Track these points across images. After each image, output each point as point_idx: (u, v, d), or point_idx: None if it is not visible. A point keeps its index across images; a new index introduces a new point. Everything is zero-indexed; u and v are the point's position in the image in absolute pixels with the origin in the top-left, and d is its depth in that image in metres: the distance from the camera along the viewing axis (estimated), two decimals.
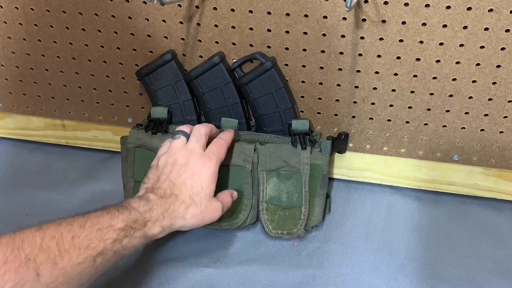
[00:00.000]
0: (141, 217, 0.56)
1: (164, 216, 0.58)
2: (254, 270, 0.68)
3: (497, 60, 0.64)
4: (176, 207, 0.60)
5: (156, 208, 0.58)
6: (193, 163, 0.62)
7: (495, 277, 0.67)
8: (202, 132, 0.66)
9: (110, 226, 0.53)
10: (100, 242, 0.52)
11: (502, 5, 0.60)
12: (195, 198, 0.61)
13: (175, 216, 0.59)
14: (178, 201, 0.60)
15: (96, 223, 0.52)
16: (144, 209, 0.57)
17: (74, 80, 0.82)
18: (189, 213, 0.60)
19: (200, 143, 0.65)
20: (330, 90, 0.73)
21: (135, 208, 0.57)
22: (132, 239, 0.55)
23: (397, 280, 0.66)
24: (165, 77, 0.74)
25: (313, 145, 0.72)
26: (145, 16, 0.72)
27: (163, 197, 0.60)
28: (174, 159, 0.63)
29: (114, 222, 0.54)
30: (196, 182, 0.61)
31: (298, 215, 0.71)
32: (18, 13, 0.76)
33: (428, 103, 0.71)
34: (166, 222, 0.59)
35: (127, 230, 0.54)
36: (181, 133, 0.66)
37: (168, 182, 0.61)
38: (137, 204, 0.57)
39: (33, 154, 0.90)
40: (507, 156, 0.73)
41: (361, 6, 0.63)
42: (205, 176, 0.62)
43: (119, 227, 0.54)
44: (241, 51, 0.72)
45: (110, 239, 0.53)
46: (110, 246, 0.53)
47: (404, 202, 0.79)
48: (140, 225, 0.56)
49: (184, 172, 0.62)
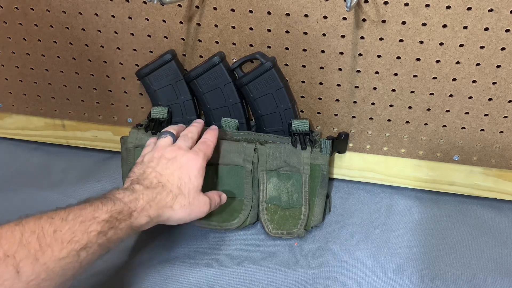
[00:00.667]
0: (126, 207, 0.54)
1: (151, 205, 0.57)
2: (254, 270, 0.68)
3: (497, 60, 0.64)
4: (164, 196, 0.58)
5: (142, 197, 0.56)
6: (180, 156, 0.62)
7: (495, 277, 0.67)
8: (189, 135, 0.66)
9: (93, 218, 0.51)
10: (83, 235, 0.50)
11: (502, 5, 0.60)
12: (183, 189, 0.60)
13: (162, 206, 0.58)
14: (165, 190, 0.59)
15: (79, 216, 0.50)
16: (129, 199, 0.55)
17: (74, 80, 0.82)
18: (177, 203, 0.59)
19: (188, 144, 0.64)
20: (330, 90, 0.73)
21: (119, 199, 0.55)
22: (118, 230, 0.53)
23: (397, 280, 0.66)
24: (165, 77, 0.74)
25: (313, 145, 0.72)
26: (145, 16, 0.72)
27: (149, 187, 0.58)
28: (160, 154, 0.62)
29: (98, 214, 0.52)
30: (184, 174, 0.60)
31: (298, 215, 0.71)
32: (18, 13, 0.76)
33: (428, 103, 0.71)
34: (153, 212, 0.57)
35: (112, 222, 0.52)
36: (168, 133, 0.66)
37: (155, 173, 0.60)
38: (122, 194, 0.56)
39: (33, 154, 0.90)
40: (507, 156, 0.73)
41: (361, 6, 0.63)
42: (192, 169, 0.61)
43: (103, 219, 0.52)
44: (241, 51, 0.72)
45: (94, 232, 0.51)
46: (95, 238, 0.51)
47: (404, 202, 0.79)
48: (126, 215, 0.54)
49: (172, 164, 0.61)
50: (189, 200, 0.60)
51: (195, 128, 0.69)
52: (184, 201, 0.60)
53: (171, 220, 0.60)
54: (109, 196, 0.55)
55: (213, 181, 0.73)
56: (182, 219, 0.60)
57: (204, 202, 0.62)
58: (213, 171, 0.72)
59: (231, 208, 0.72)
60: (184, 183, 0.60)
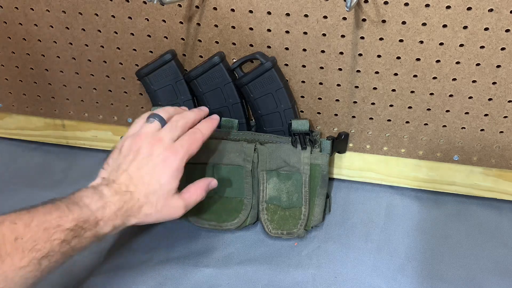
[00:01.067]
0: (92, 216, 0.52)
1: (117, 215, 0.55)
2: (254, 270, 0.68)
3: (497, 60, 0.64)
4: (130, 206, 0.56)
5: (110, 206, 0.54)
6: (156, 155, 0.58)
7: (495, 277, 0.67)
8: (179, 124, 0.62)
9: (58, 226, 0.49)
10: (46, 243, 0.48)
11: (502, 5, 0.60)
12: (151, 197, 0.57)
13: (128, 215, 0.56)
14: (133, 199, 0.57)
15: (43, 222, 0.48)
16: (97, 206, 0.53)
17: (74, 80, 0.82)
18: (142, 213, 0.57)
19: (173, 134, 0.60)
20: (330, 90, 0.73)
21: (87, 206, 0.53)
22: (82, 239, 0.51)
23: (397, 280, 0.66)
24: (165, 77, 0.74)
25: (313, 145, 0.72)
26: (145, 16, 0.72)
27: (118, 193, 0.56)
28: (138, 146, 0.59)
29: (63, 221, 0.50)
30: (154, 179, 0.58)
31: (298, 215, 0.71)
32: (18, 13, 0.76)
33: (428, 103, 0.71)
34: (118, 221, 0.55)
35: (76, 231, 0.51)
36: (157, 117, 0.62)
37: (126, 176, 0.57)
38: (89, 200, 0.54)
39: (33, 154, 0.90)
40: (507, 156, 0.73)
41: (361, 6, 0.63)
42: (165, 173, 0.58)
43: (68, 227, 0.50)
44: (241, 51, 0.72)
45: (57, 240, 0.49)
46: (58, 247, 0.49)
47: (404, 202, 0.79)
48: (91, 225, 0.52)
49: (146, 164, 0.58)
50: (156, 209, 0.58)
51: (192, 114, 0.65)
52: (150, 210, 0.58)
53: (137, 225, 0.59)
54: (76, 201, 0.53)
55: None
56: (149, 223, 0.59)
57: (175, 207, 0.60)
58: (213, 171, 0.72)
59: (231, 208, 0.72)
60: (153, 190, 0.58)
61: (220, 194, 0.73)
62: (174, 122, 0.62)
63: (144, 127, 0.61)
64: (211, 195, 0.73)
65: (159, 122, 0.61)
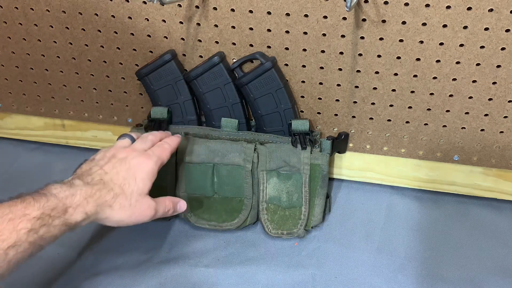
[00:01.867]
0: (60, 203, 0.52)
1: (88, 201, 0.54)
2: (254, 270, 0.68)
3: (497, 60, 0.64)
4: (104, 194, 0.56)
5: (80, 193, 0.54)
6: (131, 158, 0.60)
7: (495, 277, 0.67)
8: (149, 138, 0.66)
9: (24, 216, 0.49)
10: (12, 233, 0.47)
11: (502, 5, 0.60)
12: (126, 189, 0.58)
13: (101, 203, 0.55)
14: (106, 188, 0.56)
15: (8, 213, 0.48)
16: (65, 194, 0.53)
17: (74, 80, 0.82)
18: (117, 203, 0.57)
19: (144, 146, 0.64)
20: (330, 90, 0.73)
21: (54, 194, 0.52)
22: (51, 228, 0.51)
23: (397, 280, 0.66)
24: (165, 77, 0.74)
25: (313, 145, 0.72)
26: (145, 16, 0.72)
27: (89, 183, 0.56)
28: (113, 153, 0.61)
29: (28, 210, 0.49)
30: (130, 175, 0.59)
31: (298, 215, 0.71)
32: (18, 13, 0.76)
33: (428, 103, 0.71)
34: (90, 208, 0.54)
35: (43, 219, 0.50)
36: (127, 136, 0.66)
37: (100, 171, 0.58)
38: (58, 189, 0.53)
39: (33, 154, 0.90)
40: (507, 156, 0.73)
41: (361, 6, 0.63)
42: (141, 171, 0.60)
43: (34, 216, 0.49)
44: (241, 51, 0.72)
45: (24, 229, 0.48)
46: (25, 236, 0.48)
47: (404, 202, 0.79)
48: (60, 212, 0.52)
49: (120, 165, 0.59)
50: (130, 202, 0.58)
51: (158, 133, 0.68)
52: (125, 202, 0.57)
53: (110, 220, 0.57)
54: (43, 192, 0.53)
55: (213, 181, 0.73)
56: (122, 220, 0.58)
57: (148, 205, 0.60)
58: (213, 171, 0.72)
59: (231, 208, 0.73)
60: (128, 184, 0.58)
61: (220, 194, 0.73)
62: (143, 137, 0.66)
63: (117, 142, 0.64)
64: (211, 195, 0.73)
65: (129, 139, 0.65)
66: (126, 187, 0.58)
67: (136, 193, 0.59)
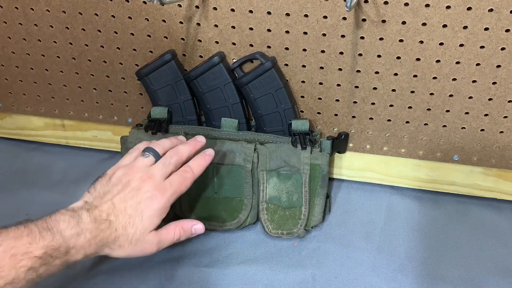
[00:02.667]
0: (64, 244, 0.51)
1: (91, 243, 0.54)
2: (254, 270, 0.68)
3: (497, 60, 0.64)
4: (106, 235, 0.55)
5: (85, 233, 0.53)
6: (144, 191, 0.59)
7: (495, 277, 0.67)
8: (172, 161, 0.62)
9: (26, 253, 0.48)
10: (11, 270, 0.46)
11: (502, 5, 0.60)
12: (129, 230, 0.57)
13: (102, 245, 0.55)
14: (110, 228, 0.56)
15: (12, 248, 0.47)
16: (71, 233, 0.52)
17: (74, 80, 0.82)
18: (117, 244, 0.56)
19: (165, 171, 0.61)
20: (330, 90, 0.73)
21: (60, 232, 0.51)
22: (50, 267, 0.50)
23: (397, 280, 0.66)
24: (165, 77, 0.74)
25: (313, 145, 0.72)
26: (145, 16, 0.72)
27: (96, 221, 0.55)
28: (129, 179, 0.59)
29: (32, 248, 0.48)
30: (137, 212, 0.58)
31: (298, 215, 0.71)
32: (18, 13, 0.76)
33: (428, 103, 0.71)
34: (91, 250, 0.54)
35: (45, 259, 0.49)
36: (152, 152, 0.62)
37: (110, 204, 0.57)
38: (65, 225, 0.52)
39: (33, 154, 0.90)
40: (507, 156, 0.73)
41: (361, 6, 0.63)
42: (149, 209, 0.58)
43: (37, 255, 0.48)
44: (241, 51, 0.72)
45: (24, 268, 0.47)
46: (23, 275, 0.47)
47: (404, 202, 0.79)
48: (62, 253, 0.51)
49: (131, 198, 0.58)
50: (131, 241, 0.57)
51: (186, 150, 0.64)
52: (124, 242, 0.57)
53: (109, 256, 0.58)
54: (50, 226, 0.51)
55: (213, 181, 0.73)
56: (120, 257, 0.58)
57: (150, 243, 0.59)
58: (213, 171, 0.72)
59: (231, 208, 0.72)
60: (133, 223, 0.57)
61: (220, 194, 0.73)
62: (168, 158, 0.62)
63: (138, 160, 0.61)
64: (211, 195, 0.73)
65: (153, 157, 0.62)
66: (129, 227, 0.57)
67: (139, 232, 0.58)
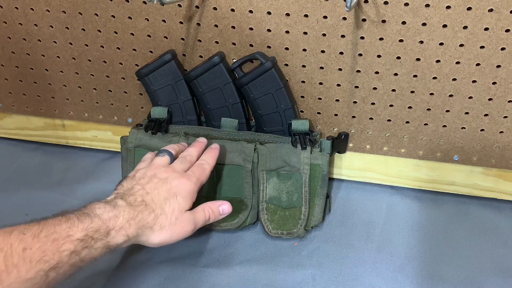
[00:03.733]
0: (104, 226, 0.51)
1: (130, 223, 0.54)
2: (254, 270, 0.68)
3: (497, 60, 0.64)
4: (145, 216, 0.55)
5: (123, 215, 0.53)
6: (172, 179, 0.60)
7: (495, 277, 0.67)
8: (188, 158, 0.65)
9: (67, 236, 0.48)
10: (55, 254, 0.46)
11: (502, 5, 0.60)
12: (167, 209, 0.58)
13: (142, 225, 0.55)
14: (148, 209, 0.56)
15: (53, 233, 0.47)
16: (109, 216, 0.52)
17: (74, 80, 0.82)
18: (158, 224, 0.56)
19: (184, 166, 0.63)
20: (330, 90, 0.73)
21: (98, 215, 0.52)
22: (92, 250, 0.50)
23: (397, 280, 0.66)
24: (165, 77, 0.74)
25: (313, 145, 0.72)
26: (145, 16, 0.72)
27: (132, 204, 0.55)
28: (153, 173, 0.61)
29: (72, 231, 0.49)
30: (171, 194, 0.59)
31: (298, 215, 0.71)
32: (18, 13, 0.76)
33: (428, 103, 0.71)
34: (132, 231, 0.54)
35: (86, 241, 0.49)
36: (166, 152, 0.65)
37: (142, 191, 0.58)
38: (102, 210, 0.53)
39: (33, 154, 0.90)
40: (507, 156, 0.73)
41: (361, 6, 0.63)
42: (182, 191, 0.59)
43: (78, 238, 0.49)
44: (241, 51, 0.72)
45: (67, 251, 0.47)
46: (66, 258, 0.47)
47: (404, 202, 0.79)
48: (102, 234, 0.51)
49: (161, 185, 0.59)
50: (170, 221, 0.57)
51: (195, 150, 0.67)
52: (165, 222, 0.57)
53: (151, 242, 0.57)
54: (87, 212, 0.52)
55: (213, 181, 0.73)
56: (163, 241, 0.58)
57: (188, 221, 0.59)
58: (213, 171, 0.72)
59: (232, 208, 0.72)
60: (170, 203, 0.58)
61: (220, 194, 0.73)
62: (182, 157, 0.65)
63: (156, 159, 0.63)
64: (211, 195, 0.73)
65: (169, 157, 0.64)
66: (167, 206, 0.58)
67: (177, 210, 0.58)
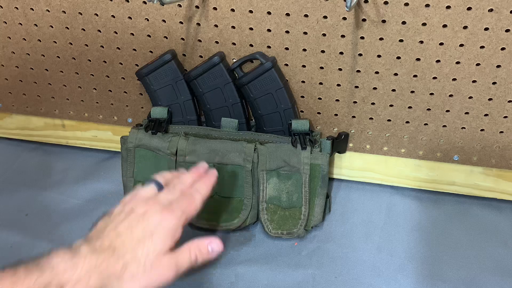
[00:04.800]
0: (55, 279, 0.45)
1: (91, 274, 0.46)
2: (254, 270, 0.68)
3: (497, 60, 0.64)
4: (111, 264, 0.48)
5: (83, 264, 0.47)
6: (151, 214, 0.52)
7: (495, 277, 0.67)
8: (177, 188, 0.57)
9: None
10: None
11: (502, 5, 0.60)
12: (139, 253, 0.49)
13: (107, 275, 0.47)
14: (115, 255, 0.48)
15: None
16: (65, 266, 0.46)
17: (74, 80, 0.82)
18: (128, 273, 0.48)
19: (170, 197, 0.55)
20: (330, 90, 0.73)
21: (52, 267, 0.46)
22: None
23: (397, 280, 0.66)
24: (165, 77, 0.74)
25: (313, 145, 0.72)
26: (145, 16, 0.72)
27: (96, 250, 0.48)
28: (131, 207, 0.53)
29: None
30: (146, 234, 0.50)
31: (298, 215, 0.71)
32: (18, 13, 0.76)
33: (428, 103, 0.71)
34: (93, 282, 0.46)
35: None
36: (154, 182, 0.57)
37: (112, 233, 0.51)
38: (59, 259, 0.46)
39: (33, 154, 0.90)
40: (507, 156, 0.73)
41: (361, 6, 0.63)
42: (160, 229, 0.51)
43: None
44: (241, 51, 0.72)
45: None
46: None
47: (404, 202, 0.79)
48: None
49: (138, 222, 0.51)
50: (144, 267, 0.49)
51: (189, 177, 0.60)
52: (137, 269, 0.49)
53: None
54: (41, 262, 0.46)
55: None
56: None
57: (168, 266, 0.51)
58: None
59: (231, 208, 0.72)
60: (143, 245, 0.50)
61: (220, 194, 0.73)
62: (171, 186, 0.57)
63: (139, 190, 0.56)
64: (211, 195, 0.73)
65: (155, 187, 0.57)
66: (140, 250, 0.50)
67: (153, 254, 0.50)
